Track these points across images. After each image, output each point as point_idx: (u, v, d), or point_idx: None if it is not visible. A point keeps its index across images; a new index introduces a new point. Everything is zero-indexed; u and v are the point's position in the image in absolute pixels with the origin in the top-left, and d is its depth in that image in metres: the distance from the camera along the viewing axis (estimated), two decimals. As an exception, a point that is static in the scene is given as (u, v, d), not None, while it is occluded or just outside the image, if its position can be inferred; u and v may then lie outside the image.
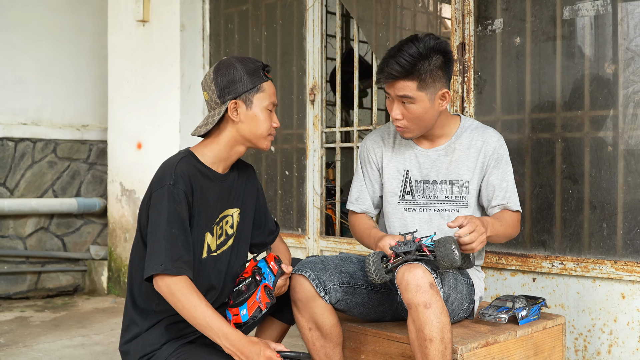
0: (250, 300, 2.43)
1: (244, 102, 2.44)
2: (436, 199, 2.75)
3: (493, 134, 2.77)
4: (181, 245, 2.30)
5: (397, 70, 2.55)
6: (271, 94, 2.49)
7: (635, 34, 3.17)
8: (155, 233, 2.30)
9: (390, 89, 2.62)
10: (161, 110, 5.40)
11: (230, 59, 2.49)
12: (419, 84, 2.57)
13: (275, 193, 4.89)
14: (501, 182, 2.74)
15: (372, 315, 2.75)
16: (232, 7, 5.25)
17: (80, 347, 4.22)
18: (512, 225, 2.74)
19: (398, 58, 2.55)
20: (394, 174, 2.82)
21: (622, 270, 3.12)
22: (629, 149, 3.16)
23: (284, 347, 2.31)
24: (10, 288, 5.73)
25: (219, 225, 2.52)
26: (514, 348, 2.63)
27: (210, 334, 2.25)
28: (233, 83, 2.43)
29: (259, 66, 2.47)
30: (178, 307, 2.26)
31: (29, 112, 5.97)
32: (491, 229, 2.55)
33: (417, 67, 2.54)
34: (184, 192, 2.35)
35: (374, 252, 2.47)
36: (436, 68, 2.58)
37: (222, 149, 2.50)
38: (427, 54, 2.56)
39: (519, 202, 2.79)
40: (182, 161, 2.42)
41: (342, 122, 4.61)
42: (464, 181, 2.73)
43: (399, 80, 2.57)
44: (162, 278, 2.26)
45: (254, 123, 2.46)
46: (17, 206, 5.69)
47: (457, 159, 2.75)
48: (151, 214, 2.35)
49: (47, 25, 6.08)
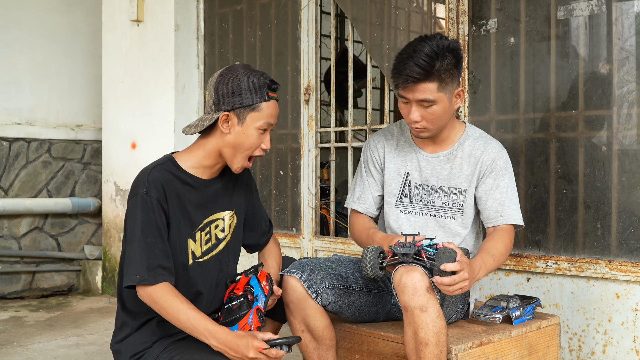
0: (242, 322, 2.41)
1: (237, 117, 2.37)
2: (434, 204, 2.74)
3: (495, 145, 2.72)
4: (159, 253, 2.29)
5: (418, 72, 2.48)
6: (268, 115, 2.39)
7: (630, 34, 3.17)
8: (132, 243, 2.30)
9: (409, 93, 2.54)
10: (155, 110, 5.39)
11: (239, 68, 2.41)
12: (439, 84, 2.52)
13: (269, 193, 4.88)
14: (494, 192, 2.67)
15: (366, 316, 2.74)
16: (226, 6, 5.24)
17: (74, 346, 4.22)
18: (504, 252, 2.61)
19: (416, 59, 2.48)
20: (394, 176, 2.81)
21: (617, 270, 3.13)
22: (623, 149, 3.17)
23: (272, 335, 2.29)
24: (4, 288, 5.71)
25: (204, 231, 2.49)
26: (508, 348, 2.63)
27: (196, 334, 2.25)
28: (231, 94, 2.36)
29: (264, 83, 2.38)
30: (162, 313, 2.27)
31: (23, 112, 5.96)
32: (484, 272, 2.48)
33: (436, 67, 2.49)
34: (157, 199, 2.32)
35: (372, 247, 2.46)
36: (451, 67, 2.54)
37: (206, 156, 2.45)
38: (442, 52, 2.51)
39: (519, 216, 2.69)
40: (157, 169, 2.38)
41: (336, 122, 4.61)
42: (462, 189, 2.71)
43: (419, 83, 2.51)
44: (142, 288, 2.27)
45: (239, 140, 2.38)
46: (12, 206, 5.67)
47: (457, 166, 2.72)
48: (127, 223, 2.35)
49: (42, 25, 6.07)
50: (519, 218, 2.69)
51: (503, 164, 2.70)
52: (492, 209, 2.67)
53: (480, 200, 2.70)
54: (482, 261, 2.49)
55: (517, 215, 2.69)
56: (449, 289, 2.32)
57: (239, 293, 2.48)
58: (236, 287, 2.53)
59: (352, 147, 4.39)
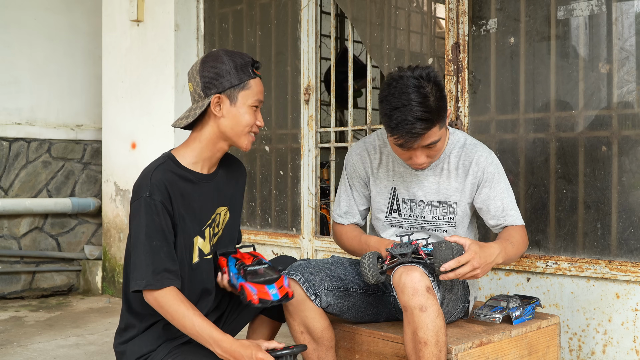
0: (279, 284, 2.39)
1: (228, 98, 2.38)
2: (423, 219, 2.69)
3: (482, 152, 2.64)
4: (164, 257, 2.28)
5: (421, 127, 2.37)
6: (257, 92, 2.42)
7: (630, 34, 3.17)
8: (137, 247, 2.29)
9: (414, 144, 2.43)
10: (155, 110, 5.39)
11: (219, 51, 2.43)
12: (440, 124, 2.45)
13: (269, 193, 4.88)
14: (494, 199, 2.64)
15: (366, 318, 2.74)
16: (226, 6, 5.24)
17: (74, 346, 4.22)
18: (522, 243, 2.62)
19: (413, 113, 2.35)
20: (381, 191, 2.76)
21: (617, 270, 3.12)
22: (623, 149, 3.17)
23: (277, 344, 2.29)
24: (4, 288, 5.71)
25: (211, 227, 2.50)
26: (508, 348, 2.63)
27: (201, 341, 2.26)
28: (219, 77, 2.37)
29: (247, 62, 2.41)
30: (168, 318, 2.28)
31: (23, 112, 5.96)
32: (502, 257, 2.46)
33: (433, 111, 2.38)
34: (161, 202, 2.31)
35: (370, 253, 2.46)
36: (439, 98, 2.42)
37: (204, 147, 2.44)
38: (426, 88, 2.38)
39: (520, 216, 2.69)
40: (159, 169, 2.37)
41: (336, 122, 4.61)
42: (452, 202, 2.66)
43: (424, 134, 2.41)
44: (150, 292, 2.26)
45: (236, 120, 2.39)
46: (12, 206, 5.67)
47: (445, 179, 2.66)
48: (131, 226, 2.34)
49: (42, 25, 6.07)
50: (520, 219, 2.69)
51: (494, 169, 2.64)
52: (495, 216, 2.65)
53: (482, 211, 2.68)
54: (501, 246, 2.47)
55: (518, 216, 2.68)
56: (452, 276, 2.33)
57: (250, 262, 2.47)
58: (243, 256, 2.52)
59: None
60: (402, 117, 2.36)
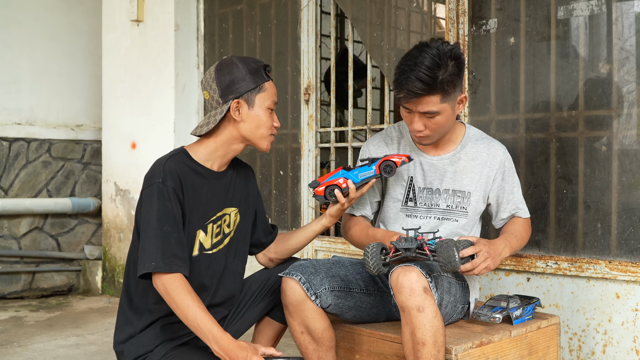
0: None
1: (246, 102, 2.43)
2: (438, 207, 2.73)
3: (498, 147, 2.75)
4: (174, 243, 2.29)
5: (420, 87, 2.45)
6: (272, 94, 2.49)
7: (630, 34, 3.17)
8: (147, 231, 2.30)
9: (412, 105, 2.52)
10: (155, 110, 5.39)
11: (232, 58, 2.48)
12: (442, 96, 2.49)
13: (269, 193, 4.88)
14: (510, 194, 2.76)
15: (366, 318, 2.74)
16: (226, 6, 5.24)
17: (74, 347, 4.22)
18: (526, 235, 2.79)
19: (417, 73, 2.44)
20: (398, 181, 2.79)
21: (617, 270, 3.13)
22: (623, 149, 3.17)
23: (275, 351, 2.31)
24: (4, 288, 5.71)
25: (216, 224, 2.51)
26: (508, 348, 2.63)
27: (200, 335, 2.26)
28: (235, 82, 2.42)
29: (260, 66, 2.47)
30: (172, 306, 2.27)
31: (23, 112, 5.96)
32: (509, 250, 2.62)
33: (439, 80, 2.45)
34: (173, 189, 2.34)
35: (374, 244, 2.45)
36: (454, 76, 2.50)
37: (219, 147, 2.49)
38: (444, 62, 2.47)
39: (527, 209, 2.83)
40: (172, 159, 2.41)
41: (336, 122, 4.61)
42: (466, 192, 2.71)
43: (422, 97, 2.48)
44: (158, 276, 2.26)
45: (255, 123, 2.46)
46: (12, 206, 5.67)
47: (461, 169, 2.72)
48: (142, 213, 2.35)
49: (42, 25, 6.07)
50: (528, 212, 2.84)
51: (509, 164, 2.78)
52: (506, 210, 2.79)
53: (495, 203, 2.78)
54: (505, 240, 2.64)
55: (527, 210, 2.83)
56: (474, 272, 2.43)
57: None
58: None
59: (352, 147, 4.39)
60: (407, 74, 2.48)
